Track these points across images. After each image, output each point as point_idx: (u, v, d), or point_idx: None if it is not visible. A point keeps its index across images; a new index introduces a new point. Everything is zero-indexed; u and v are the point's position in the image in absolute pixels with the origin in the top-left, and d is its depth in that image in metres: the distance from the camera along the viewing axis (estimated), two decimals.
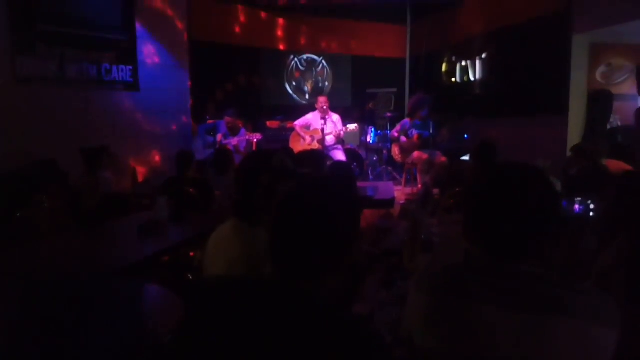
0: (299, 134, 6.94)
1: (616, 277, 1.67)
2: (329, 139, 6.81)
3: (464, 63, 8.00)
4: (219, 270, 1.76)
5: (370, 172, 7.78)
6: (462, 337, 1.11)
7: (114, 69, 5.95)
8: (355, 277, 1.15)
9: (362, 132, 8.05)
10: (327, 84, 9.38)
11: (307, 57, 9.20)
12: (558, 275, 1.15)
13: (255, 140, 6.62)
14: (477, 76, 7.71)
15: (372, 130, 8.19)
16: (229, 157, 4.42)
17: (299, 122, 6.99)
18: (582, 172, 3.56)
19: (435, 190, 4.20)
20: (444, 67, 8.52)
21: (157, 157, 6.63)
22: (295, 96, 9.20)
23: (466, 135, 7.33)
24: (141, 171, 6.40)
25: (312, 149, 6.10)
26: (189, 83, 7.05)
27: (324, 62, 9.30)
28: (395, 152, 6.82)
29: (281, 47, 8.94)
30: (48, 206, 3.37)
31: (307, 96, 9.20)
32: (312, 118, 6.93)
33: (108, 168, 4.50)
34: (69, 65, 5.44)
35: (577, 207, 2.79)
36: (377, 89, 8.87)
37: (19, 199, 3.38)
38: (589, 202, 2.76)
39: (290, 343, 0.95)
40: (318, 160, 3.33)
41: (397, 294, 2.03)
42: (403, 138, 6.62)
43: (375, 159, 8.17)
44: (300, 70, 9.17)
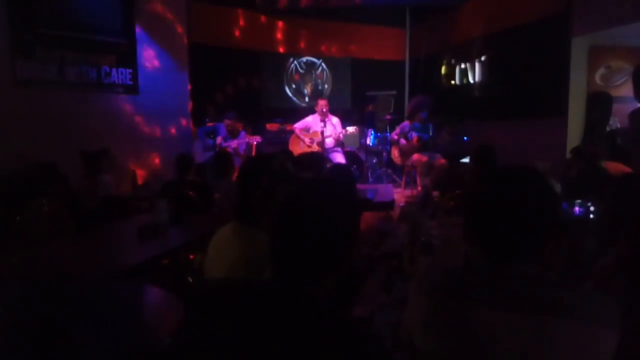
0: (298, 137, 6.95)
1: (616, 279, 1.67)
2: (329, 142, 6.81)
3: (463, 65, 8.01)
4: (219, 273, 1.76)
5: (369, 175, 7.79)
6: (462, 339, 1.10)
7: (114, 72, 5.96)
8: (355, 280, 1.15)
9: (362, 135, 8.06)
10: (326, 86, 9.39)
11: (307, 60, 9.21)
12: (558, 278, 1.15)
13: (255, 142, 6.63)
14: (477, 78, 7.72)
15: (372, 132, 8.20)
16: (229, 159, 4.42)
17: (299, 125, 7.00)
18: (581, 174, 3.56)
19: (434, 192, 4.20)
20: (443, 69, 8.52)
21: (157, 160, 6.63)
22: (294, 99, 9.21)
23: (466, 138, 7.33)
24: (141, 174, 6.40)
25: (311, 152, 6.11)
26: (189, 86, 7.06)
27: (323, 64, 9.31)
28: (395, 154, 6.82)
29: (281, 50, 8.95)
30: (47, 209, 3.37)
31: (307, 99, 9.21)
32: (311, 121, 6.94)
33: (108, 171, 4.50)
34: (68, 68, 5.45)
35: (576, 209, 2.79)
36: (377, 92, 8.89)
37: (19, 202, 3.38)
38: (589, 204, 2.76)
39: (290, 345, 0.95)
40: (318, 162, 3.32)
41: (397, 297, 2.02)
42: (402, 140, 6.63)
43: (374, 161, 8.17)
44: (299, 73, 9.18)
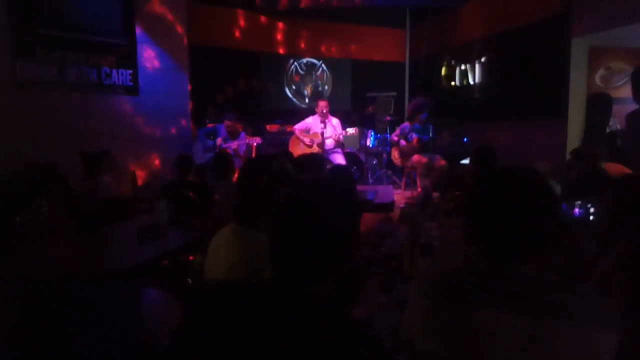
0: (298, 138, 6.95)
1: (616, 280, 1.67)
2: (329, 143, 6.81)
3: (463, 67, 8.02)
4: (219, 274, 1.76)
5: (369, 176, 7.78)
6: (462, 341, 1.10)
7: (114, 73, 5.96)
8: (354, 281, 1.15)
9: (362, 136, 8.06)
10: (326, 87, 9.39)
11: (307, 61, 9.21)
12: (558, 279, 1.15)
13: (255, 144, 6.62)
14: (477, 80, 7.72)
15: (372, 133, 8.20)
16: (229, 161, 4.42)
17: (299, 126, 7.00)
18: (581, 175, 3.56)
19: (434, 194, 4.19)
20: (443, 70, 8.53)
21: (157, 161, 6.63)
22: (294, 100, 9.21)
23: (466, 139, 7.33)
24: (141, 175, 6.40)
25: (311, 153, 6.10)
26: (189, 87, 7.06)
27: (323, 65, 9.32)
28: (395, 155, 6.82)
29: (281, 51, 8.95)
30: (48, 210, 3.37)
31: (307, 100, 9.21)
32: (311, 122, 6.94)
33: (108, 172, 4.49)
34: (68, 69, 5.45)
35: (576, 210, 2.79)
36: (377, 93, 8.88)
37: (19, 203, 3.38)
38: (589, 205, 2.76)
39: (289, 346, 0.95)
40: (318, 164, 3.32)
41: (397, 298, 2.02)
42: (403, 142, 6.63)
43: (374, 162, 8.17)
44: (300, 74, 9.18)
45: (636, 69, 4.13)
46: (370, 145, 8.11)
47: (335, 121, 6.89)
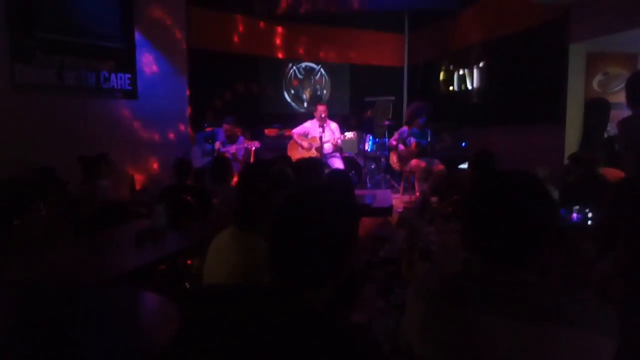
0: (297, 142, 6.95)
1: (615, 285, 1.67)
2: (327, 147, 6.81)
3: (461, 71, 8.04)
4: (218, 278, 1.76)
5: (368, 180, 7.78)
6: (460, 346, 1.10)
7: (113, 77, 5.96)
8: (353, 285, 1.15)
9: (360, 140, 8.06)
10: (325, 92, 9.41)
11: (306, 66, 9.23)
12: (557, 284, 1.15)
13: (254, 148, 6.63)
14: (475, 84, 7.74)
15: (370, 138, 8.21)
16: (227, 165, 4.42)
17: (297, 130, 7.01)
18: (579, 180, 3.56)
19: (433, 198, 4.20)
20: (441, 75, 8.55)
21: (155, 165, 6.62)
22: (293, 104, 9.22)
23: (464, 144, 7.35)
24: (139, 179, 6.39)
25: (310, 157, 6.10)
26: (188, 91, 7.07)
27: (322, 70, 9.33)
28: (393, 160, 6.83)
29: (279, 55, 8.97)
30: (45, 214, 3.36)
31: (306, 104, 9.22)
32: (310, 126, 6.94)
33: (106, 176, 4.49)
34: (67, 73, 5.45)
35: (575, 215, 2.79)
36: (375, 97, 8.90)
37: (17, 207, 3.37)
38: (587, 210, 2.77)
39: (288, 351, 0.95)
40: (316, 168, 3.32)
41: (395, 303, 2.02)
42: (401, 146, 6.64)
43: (373, 167, 8.17)
44: (298, 78, 9.20)
45: (632, 75, 4.14)
46: (369, 150, 8.12)
47: (333, 125, 6.90)
